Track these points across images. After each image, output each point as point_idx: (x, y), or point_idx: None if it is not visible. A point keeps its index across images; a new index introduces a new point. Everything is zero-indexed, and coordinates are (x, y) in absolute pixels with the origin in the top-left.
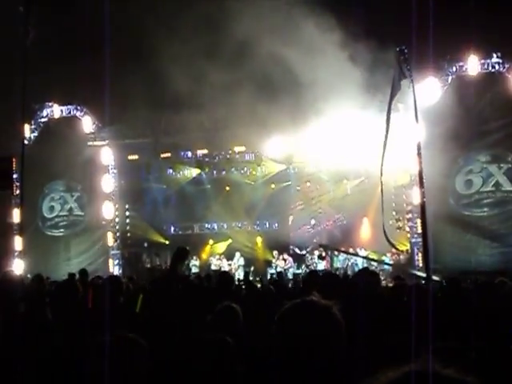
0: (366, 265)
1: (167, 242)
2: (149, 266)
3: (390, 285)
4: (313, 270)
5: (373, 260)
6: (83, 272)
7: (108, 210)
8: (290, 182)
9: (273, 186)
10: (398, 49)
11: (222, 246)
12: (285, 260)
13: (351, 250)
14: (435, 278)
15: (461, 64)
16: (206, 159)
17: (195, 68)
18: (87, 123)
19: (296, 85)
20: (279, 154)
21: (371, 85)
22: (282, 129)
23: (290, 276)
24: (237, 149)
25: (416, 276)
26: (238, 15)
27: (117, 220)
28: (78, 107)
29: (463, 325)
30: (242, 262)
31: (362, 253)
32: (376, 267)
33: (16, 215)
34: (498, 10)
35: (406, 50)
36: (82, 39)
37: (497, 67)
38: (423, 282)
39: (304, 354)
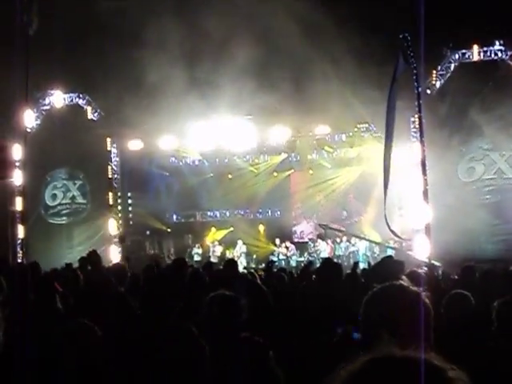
0: (367, 252)
1: (169, 230)
2: (151, 253)
3: None
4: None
5: (375, 243)
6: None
7: (110, 198)
8: (292, 170)
9: (275, 173)
10: (401, 36)
11: (222, 234)
12: (287, 248)
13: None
14: (436, 263)
15: (463, 51)
16: (209, 147)
17: (197, 56)
18: (90, 111)
19: (294, 73)
20: (281, 142)
21: (372, 72)
22: (284, 117)
23: (294, 264)
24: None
25: (417, 261)
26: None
27: (119, 208)
28: (81, 95)
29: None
30: (244, 249)
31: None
32: (378, 254)
33: (18, 203)
34: None
35: (409, 38)
36: (85, 28)
37: (499, 54)
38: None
39: (394, 336)
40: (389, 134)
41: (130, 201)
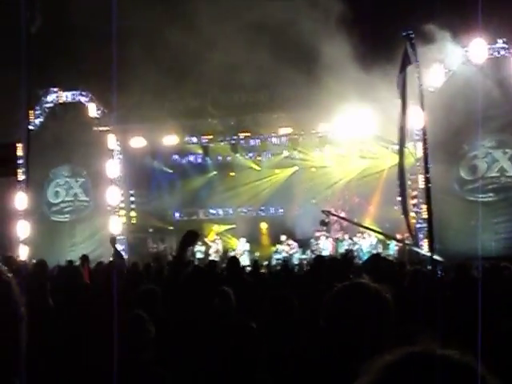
0: (371, 250)
1: (172, 228)
2: (154, 251)
3: None
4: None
5: (380, 233)
6: (84, 258)
7: (113, 196)
8: (296, 168)
9: (278, 171)
10: (404, 33)
11: (224, 230)
12: (289, 245)
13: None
14: (438, 258)
15: (466, 49)
16: (211, 144)
17: (197, 52)
18: (92, 108)
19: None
20: (283, 139)
21: (376, 67)
22: (287, 112)
23: (296, 261)
24: (241, 134)
25: (419, 254)
26: None
27: (122, 205)
28: (83, 92)
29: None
30: (247, 247)
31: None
32: (381, 252)
33: (21, 201)
34: None
35: (412, 35)
36: (87, 24)
37: (502, 52)
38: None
39: (354, 335)
40: (402, 136)
41: (132, 198)
